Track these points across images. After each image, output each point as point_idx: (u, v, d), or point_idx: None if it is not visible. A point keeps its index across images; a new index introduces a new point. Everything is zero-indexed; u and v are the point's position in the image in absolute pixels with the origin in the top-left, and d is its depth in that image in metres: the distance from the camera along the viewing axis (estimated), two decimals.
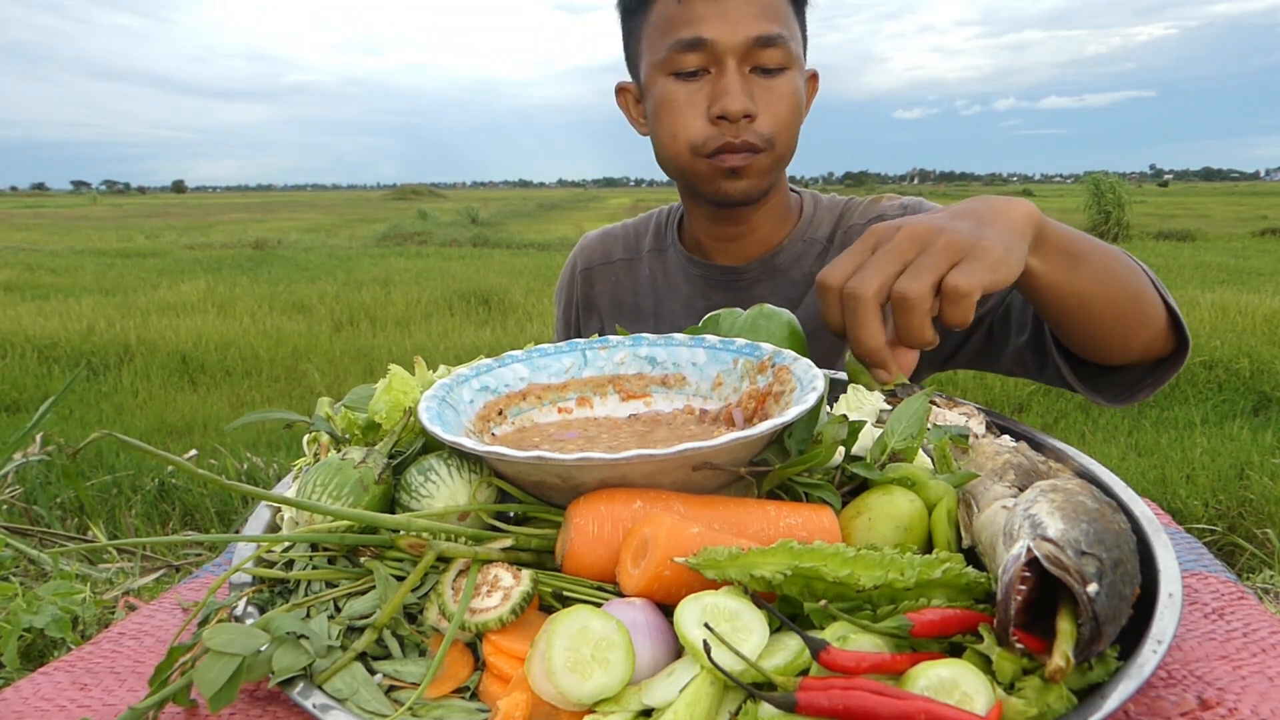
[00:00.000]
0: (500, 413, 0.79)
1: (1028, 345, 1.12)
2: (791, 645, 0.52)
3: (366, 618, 0.59)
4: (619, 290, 1.45)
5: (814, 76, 1.35)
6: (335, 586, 0.63)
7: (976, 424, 0.82)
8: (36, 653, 1.57)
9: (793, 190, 1.42)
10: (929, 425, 0.75)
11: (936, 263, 0.74)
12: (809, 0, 1.29)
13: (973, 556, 0.63)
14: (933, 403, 0.85)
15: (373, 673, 0.57)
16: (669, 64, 1.20)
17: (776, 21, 1.18)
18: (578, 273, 1.50)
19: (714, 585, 0.56)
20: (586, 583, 0.60)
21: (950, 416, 0.83)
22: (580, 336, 1.12)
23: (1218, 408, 4.69)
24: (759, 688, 0.50)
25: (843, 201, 1.44)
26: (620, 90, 1.38)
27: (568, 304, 1.51)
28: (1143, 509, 0.65)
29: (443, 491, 0.66)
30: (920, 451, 0.74)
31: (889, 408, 0.83)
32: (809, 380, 0.70)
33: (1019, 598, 0.51)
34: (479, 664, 0.58)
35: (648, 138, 1.32)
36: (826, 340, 1.31)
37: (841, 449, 0.68)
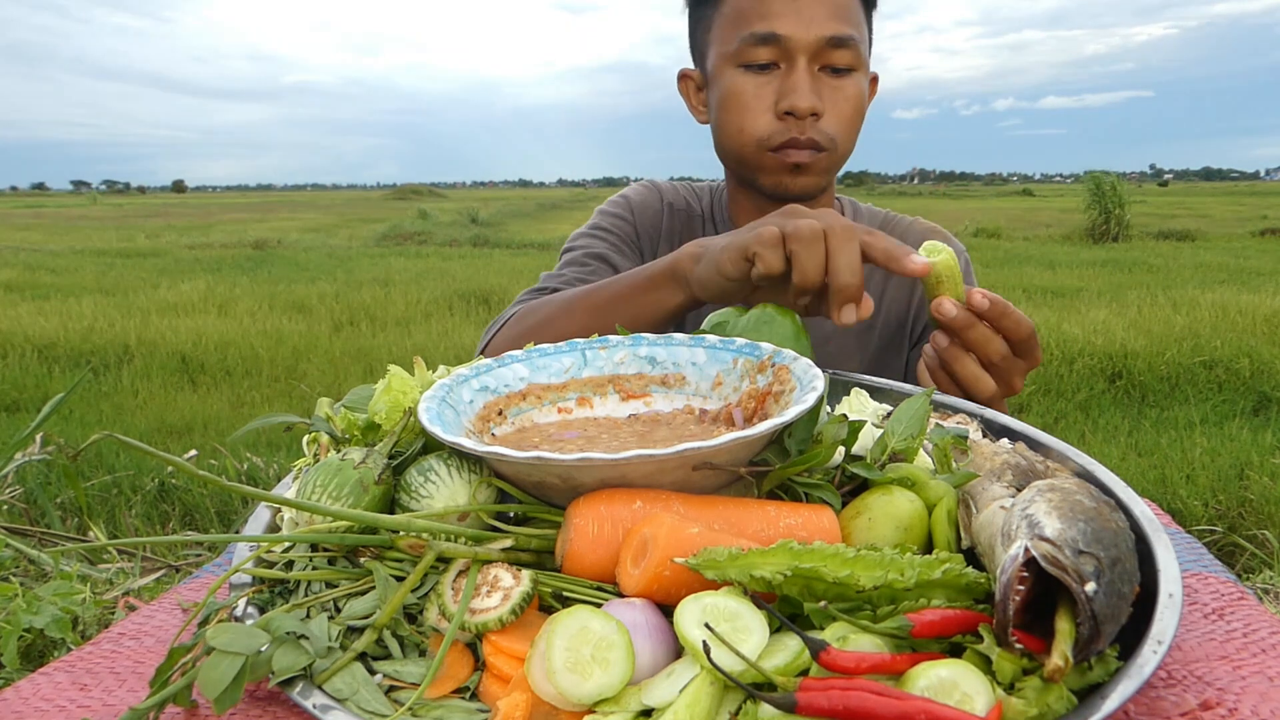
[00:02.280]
0: (500, 413, 0.79)
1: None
2: (791, 645, 0.52)
3: (366, 618, 0.59)
4: (681, 243, 1.43)
5: (874, 79, 1.37)
6: (335, 587, 0.63)
7: (974, 431, 0.82)
8: (36, 653, 1.57)
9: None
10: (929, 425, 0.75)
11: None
12: (877, 2, 1.31)
13: (973, 557, 0.63)
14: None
15: (373, 673, 0.57)
16: (739, 56, 1.22)
17: (849, 23, 1.20)
18: (665, 203, 1.44)
19: (714, 585, 0.56)
20: (586, 583, 0.60)
21: (947, 427, 0.83)
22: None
23: (1218, 408, 4.70)
24: (759, 688, 0.50)
25: (881, 214, 1.46)
26: (682, 77, 1.38)
27: (643, 229, 1.42)
28: (1143, 509, 0.65)
29: (443, 492, 0.66)
30: (920, 452, 0.74)
31: (889, 408, 0.83)
32: (809, 380, 0.70)
33: (1017, 598, 0.51)
34: (479, 664, 0.58)
35: (706, 126, 1.33)
36: (835, 343, 1.32)
37: (841, 449, 0.68)
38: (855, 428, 0.69)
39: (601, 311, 1.08)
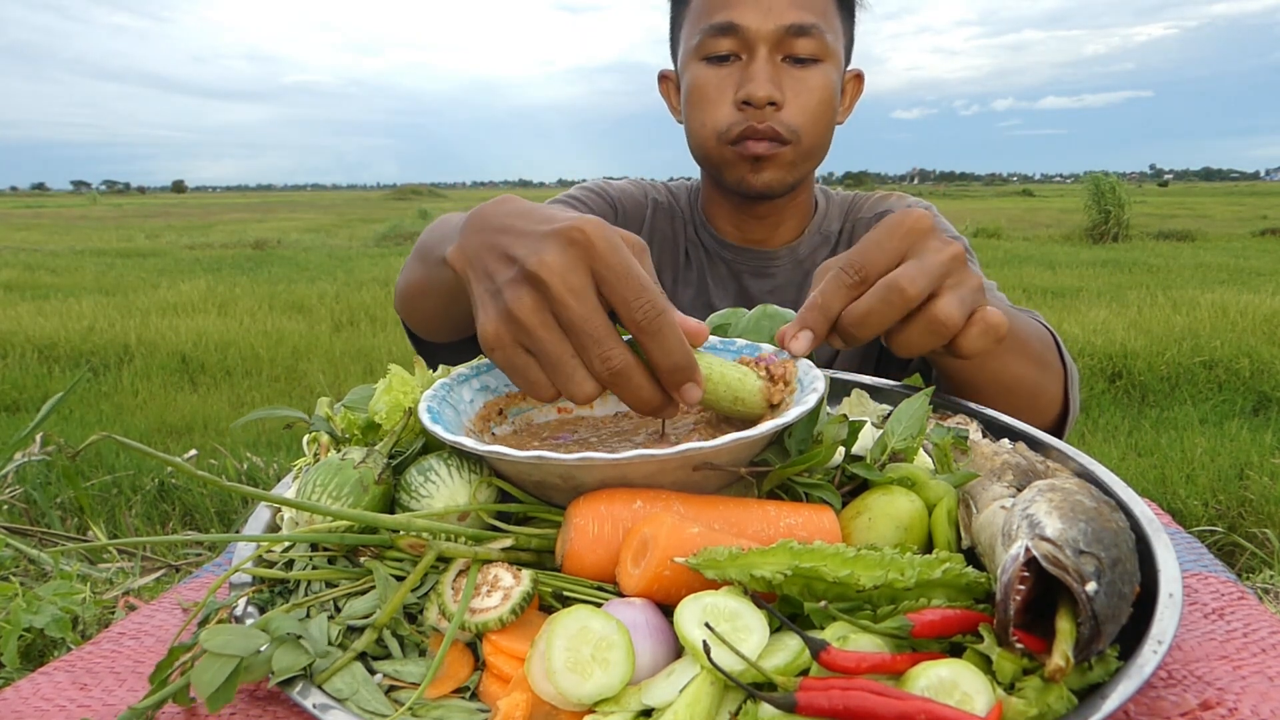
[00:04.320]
0: (500, 412, 0.79)
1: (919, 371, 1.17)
2: (791, 645, 0.52)
3: (366, 618, 0.59)
4: (669, 245, 1.41)
5: (858, 77, 1.35)
6: (335, 586, 0.63)
7: (974, 431, 0.82)
8: (36, 653, 1.57)
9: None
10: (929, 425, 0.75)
11: (974, 298, 0.72)
12: (860, 2, 1.29)
13: (973, 557, 0.63)
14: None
15: (373, 673, 0.57)
16: (702, 49, 1.21)
17: (812, 12, 1.18)
18: (650, 199, 1.42)
19: (714, 585, 0.56)
20: (586, 583, 0.60)
21: (947, 427, 0.83)
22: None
23: (1218, 408, 4.70)
24: (759, 688, 0.50)
25: (850, 196, 1.45)
26: (662, 78, 1.38)
27: (624, 216, 1.38)
28: (1143, 509, 0.65)
29: (443, 491, 0.66)
30: (920, 452, 0.74)
31: (889, 408, 0.83)
32: (809, 381, 0.70)
33: (1018, 598, 0.51)
34: (479, 664, 0.58)
35: (683, 126, 1.32)
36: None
37: (841, 449, 0.68)
38: (855, 428, 0.69)
39: (413, 268, 0.98)
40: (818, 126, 1.22)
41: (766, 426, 0.62)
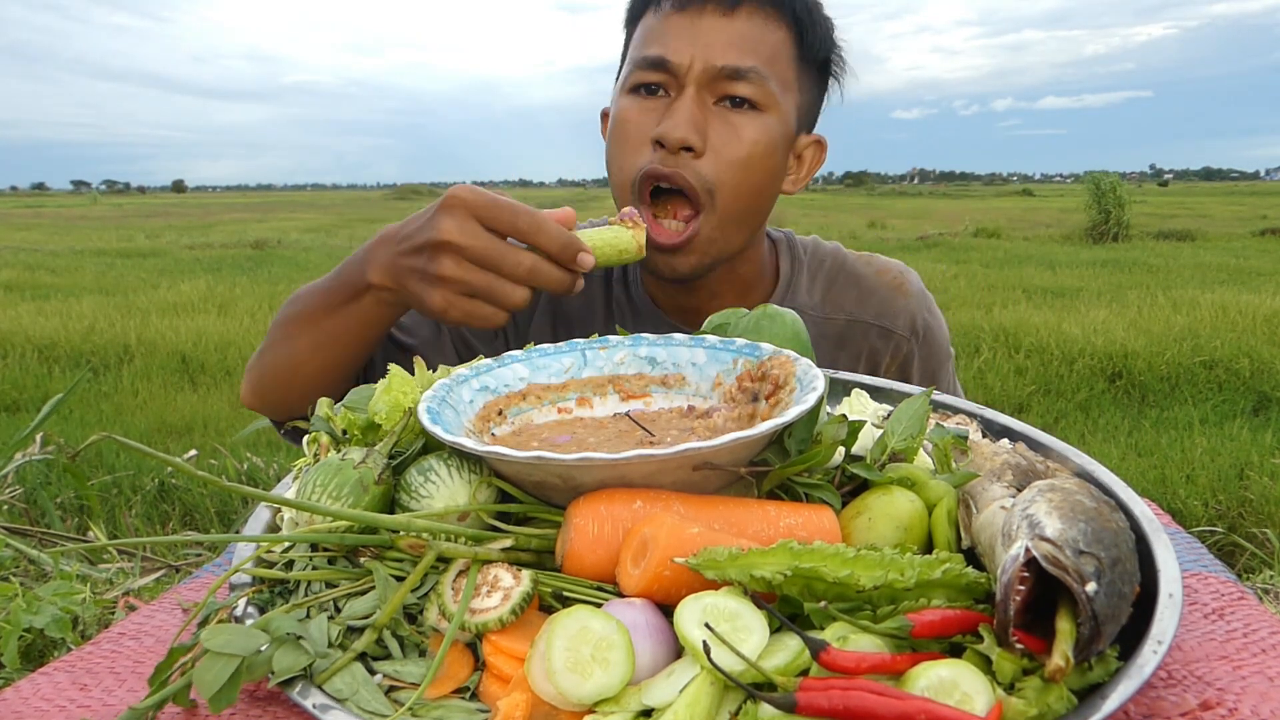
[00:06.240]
0: (500, 413, 0.79)
1: None
2: (791, 645, 0.52)
3: (366, 618, 0.59)
4: (580, 315, 1.22)
5: (819, 143, 1.18)
6: (335, 587, 0.63)
7: (974, 431, 0.82)
8: (36, 653, 1.57)
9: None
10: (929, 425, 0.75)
11: None
12: (836, 64, 1.16)
13: (973, 557, 0.63)
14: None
15: (373, 673, 0.57)
16: (630, 80, 1.09)
17: (755, 56, 1.05)
18: None
19: (714, 585, 0.56)
20: (586, 583, 0.60)
21: (947, 427, 0.83)
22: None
23: (1218, 408, 4.70)
24: (759, 688, 0.50)
25: (828, 256, 1.25)
26: (604, 117, 1.20)
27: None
28: (1143, 509, 0.65)
29: (443, 492, 0.66)
30: (920, 452, 0.74)
31: (889, 409, 0.83)
32: (809, 380, 0.70)
33: (1018, 598, 0.51)
34: (479, 664, 0.58)
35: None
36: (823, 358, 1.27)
37: (841, 449, 0.68)
38: (855, 428, 0.69)
39: (294, 336, 1.01)
40: (743, 186, 1.05)
41: (766, 426, 0.62)
